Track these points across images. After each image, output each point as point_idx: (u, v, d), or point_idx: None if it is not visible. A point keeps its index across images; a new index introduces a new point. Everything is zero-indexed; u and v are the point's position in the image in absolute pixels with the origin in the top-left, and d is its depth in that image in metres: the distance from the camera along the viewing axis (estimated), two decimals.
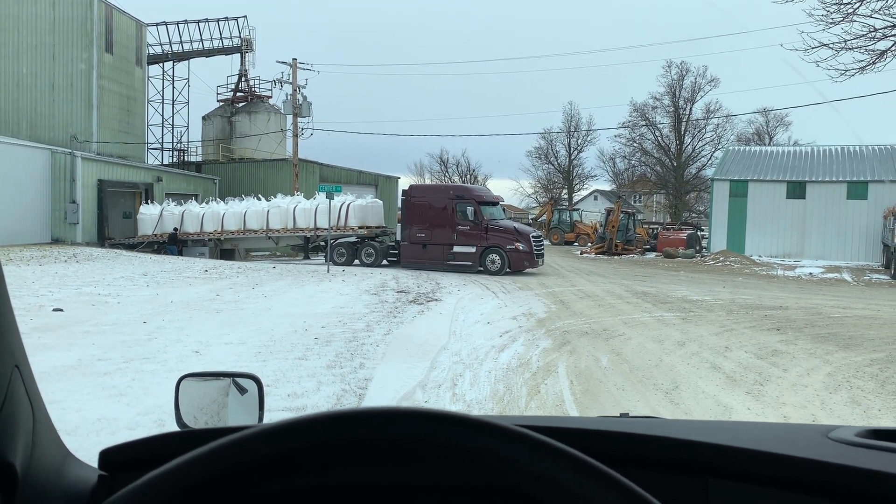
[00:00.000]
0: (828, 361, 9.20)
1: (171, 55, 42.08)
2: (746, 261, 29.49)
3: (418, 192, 24.77)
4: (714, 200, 34.52)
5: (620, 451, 0.98)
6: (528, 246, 21.88)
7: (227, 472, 0.61)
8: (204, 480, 0.60)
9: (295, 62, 33.90)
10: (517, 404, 6.94)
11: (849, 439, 1.01)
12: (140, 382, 6.91)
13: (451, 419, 0.63)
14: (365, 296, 14.90)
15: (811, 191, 32.27)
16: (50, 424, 0.87)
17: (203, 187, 36.02)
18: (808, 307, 14.95)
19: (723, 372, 8.47)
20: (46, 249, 24.62)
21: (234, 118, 42.59)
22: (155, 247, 28.00)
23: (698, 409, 6.92)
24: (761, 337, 10.95)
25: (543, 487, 0.60)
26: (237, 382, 1.58)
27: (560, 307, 14.11)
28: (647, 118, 52.07)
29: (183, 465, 0.61)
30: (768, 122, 58.46)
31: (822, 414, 6.83)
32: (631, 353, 9.47)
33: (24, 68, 31.67)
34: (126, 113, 34.63)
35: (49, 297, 12.74)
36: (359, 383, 7.37)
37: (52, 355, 7.90)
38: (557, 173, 62.66)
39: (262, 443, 0.61)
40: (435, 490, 0.64)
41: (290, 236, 27.36)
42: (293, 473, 0.62)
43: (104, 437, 5.25)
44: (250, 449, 0.61)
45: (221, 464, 0.61)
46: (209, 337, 9.49)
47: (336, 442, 0.62)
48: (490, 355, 9.19)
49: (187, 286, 15.75)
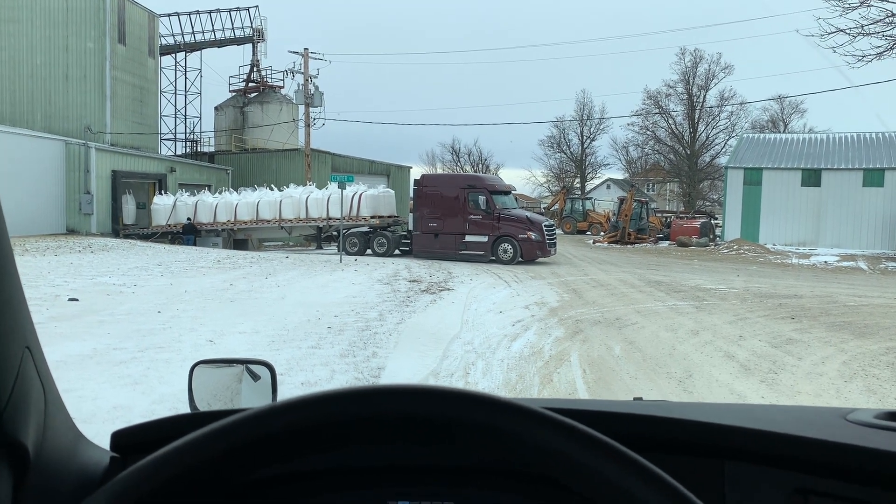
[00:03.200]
0: (843, 350, 9.13)
1: (183, 46, 42.19)
2: (760, 249, 29.28)
3: (430, 181, 24.75)
4: (728, 188, 34.26)
5: (635, 433, 0.98)
6: (541, 235, 21.82)
7: (237, 449, 0.60)
8: (213, 457, 0.60)
9: (307, 52, 33.88)
10: (530, 392, 6.94)
11: (867, 421, 1.00)
12: (155, 371, 6.96)
13: (478, 399, 0.61)
14: (377, 285, 14.93)
15: (826, 178, 31.95)
16: (62, 406, 0.87)
17: (216, 178, 36.15)
18: (823, 295, 14.83)
19: (736, 360, 8.43)
20: (61, 240, 24.83)
21: (247, 108, 42.67)
22: (169, 237, 28.18)
23: (711, 397, 6.89)
24: (775, 325, 10.88)
25: (564, 468, 0.59)
26: (250, 369, 1.58)
27: (572, 296, 14.08)
28: (660, 106, 51.73)
29: (190, 443, 0.60)
30: (783, 110, 57.89)
31: (838, 402, 6.78)
32: (644, 342, 9.44)
33: (38, 60, 31.84)
34: (139, 104, 34.78)
35: (64, 287, 12.86)
36: (371, 372, 7.39)
37: (68, 344, 7.97)
38: (570, 162, 62.41)
39: (274, 419, 0.60)
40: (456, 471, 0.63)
41: (303, 226, 27.44)
42: (306, 451, 0.61)
43: (119, 426, 5.27)
44: (261, 426, 0.60)
45: (231, 440, 0.60)
46: (223, 326, 9.55)
47: (358, 419, 0.60)
48: (502, 344, 9.19)
49: (201, 276, 15.84)
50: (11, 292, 0.71)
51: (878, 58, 15.20)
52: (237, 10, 42.41)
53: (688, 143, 51.27)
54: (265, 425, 0.60)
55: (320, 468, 0.65)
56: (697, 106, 50.94)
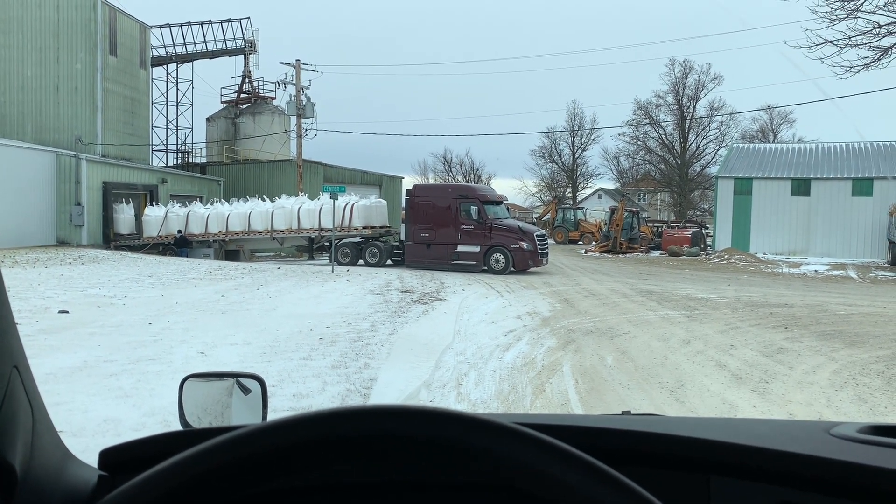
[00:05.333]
0: (833, 359, 9.17)
1: (174, 57, 42.15)
2: (751, 258, 29.41)
3: (422, 191, 24.78)
4: (718, 198, 34.43)
5: (622, 448, 0.98)
6: (533, 245, 21.87)
7: (223, 470, 0.61)
8: (199, 477, 0.60)
9: (298, 63, 33.94)
10: (522, 403, 6.94)
11: (850, 435, 1.01)
12: (145, 384, 6.92)
13: (447, 416, 0.62)
14: (369, 296, 14.92)
15: (816, 188, 32.16)
16: (50, 424, 0.87)
17: (208, 189, 36.08)
18: (814, 305, 14.90)
19: (728, 370, 8.45)
20: (52, 251, 24.70)
21: (238, 119, 42.64)
22: (160, 248, 28.07)
23: (704, 407, 6.90)
24: (767, 335, 10.92)
25: (537, 483, 0.60)
26: (241, 383, 1.58)
27: (565, 306, 14.10)
28: (650, 116, 51.98)
29: (178, 463, 0.60)
30: (772, 120, 58.29)
31: (829, 411, 6.81)
32: (636, 352, 9.46)
33: (29, 71, 31.76)
34: (130, 115, 34.71)
35: (55, 299, 12.78)
36: (364, 383, 7.37)
37: (58, 357, 7.92)
38: (561, 172, 62.60)
39: (259, 440, 0.61)
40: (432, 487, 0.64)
41: (295, 237, 27.39)
42: (290, 471, 0.62)
43: (109, 439, 5.26)
44: (247, 446, 0.61)
45: (217, 461, 0.61)
46: (214, 338, 9.51)
47: (334, 440, 0.61)
48: (495, 354, 9.19)
49: (192, 287, 15.79)
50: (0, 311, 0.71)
51: (866, 68, 15.37)
52: (229, 21, 42.46)
53: (678, 154, 51.53)
54: (245, 446, 0.61)
55: (298, 485, 0.66)
56: (687, 116, 51.26)
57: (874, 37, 15.14)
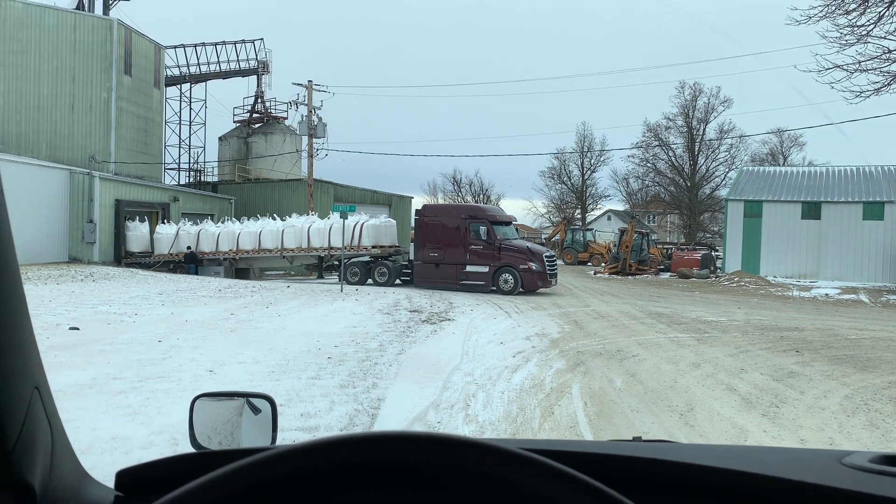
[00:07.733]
0: (845, 384, 9.09)
1: (188, 77, 42.63)
2: (762, 281, 29.25)
3: (431, 211, 24.86)
4: (728, 221, 34.35)
5: (633, 475, 0.99)
6: (542, 266, 21.85)
7: (241, 495, 0.62)
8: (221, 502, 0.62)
9: (310, 84, 34.24)
10: (530, 426, 6.90)
11: (862, 465, 1.01)
12: (154, 401, 6.93)
13: (462, 444, 0.64)
14: (378, 315, 14.92)
15: (826, 211, 32.04)
16: (68, 445, 0.89)
17: (219, 207, 36.29)
18: (825, 328, 14.79)
19: (738, 394, 8.39)
20: (63, 268, 24.86)
21: (251, 139, 42.98)
22: (171, 266, 28.21)
23: (714, 431, 6.85)
24: (777, 358, 10.84)
25: None
26: (251, 402, 1.59)
27: (573, 327, 14.05)
28: (660, 138, 52.09)
29: (195, 490, 0.62)
30: (782, 143, 58.26)
31: (840, 437, 6.74)
32: (645, 375, 9.40)
33: (45, 90, 32.19)
34: (144, 134, 35.06)
35: (65, 316, 12.85)
36: (371, 403, 7.36)
37: (68, 374, 7.95)
38: (571, 193, 62.68)
39: (274, 466, 0.63)
40: None
41: (305, 256, 27.49)
42: (305, 496, 0.63)
43: (118, 457, 5.27)
44: (262, 472, 0.62)
45: (234, 486, 0.62)
46: (224, 356, 9.53)
47: (350, 465, 0.63)
48: (503, 376, 9.15)
49: (202, 305, 15.84)
50: (23, 335, 0.73)
51: (876, 93, 15.36)
52: (242, 42, 42.97)
53: (688, 176, 51.54)
54: (253, 475, 0.63)
55: None
56: (697, 138, 51.30)
57: (884, 62, 15.16)
